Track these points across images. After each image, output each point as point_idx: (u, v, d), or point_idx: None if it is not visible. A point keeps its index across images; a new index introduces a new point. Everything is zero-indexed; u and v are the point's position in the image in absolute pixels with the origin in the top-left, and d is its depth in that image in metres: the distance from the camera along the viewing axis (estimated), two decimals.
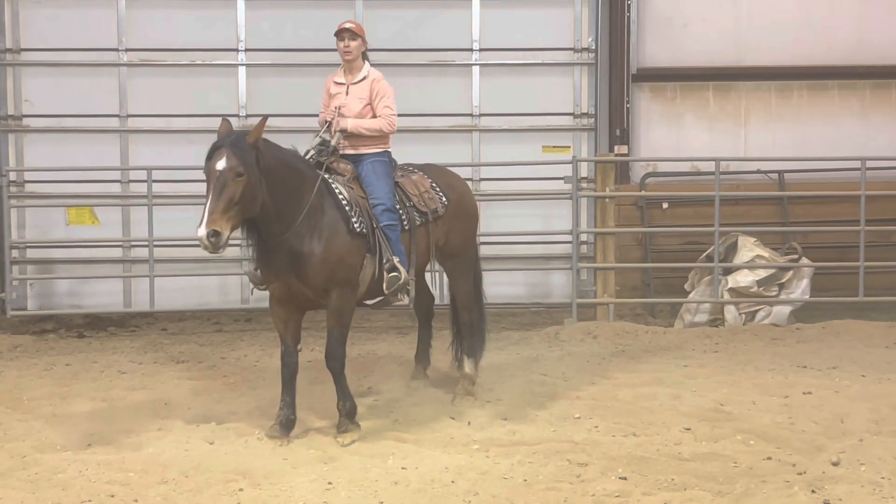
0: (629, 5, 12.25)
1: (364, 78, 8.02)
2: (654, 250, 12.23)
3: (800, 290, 11.32)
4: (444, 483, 6.26)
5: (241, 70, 12.26)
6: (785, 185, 12.34)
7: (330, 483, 6.28)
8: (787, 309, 11.29)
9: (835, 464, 6.49)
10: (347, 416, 7.34)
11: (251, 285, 7.77)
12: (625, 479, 6.29)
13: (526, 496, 6.06)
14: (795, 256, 11.37)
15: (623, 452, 6.75)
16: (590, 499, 6.01)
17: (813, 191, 12.07)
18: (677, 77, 12.54)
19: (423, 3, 12.40)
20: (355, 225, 7.40)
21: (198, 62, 12.26)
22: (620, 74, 12.26)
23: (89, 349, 10.50)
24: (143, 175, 11.38)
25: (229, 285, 12.20)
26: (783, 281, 11.29)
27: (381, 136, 8.00)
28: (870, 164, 11.36)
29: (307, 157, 7.70)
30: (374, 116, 7.95)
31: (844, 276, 11.62)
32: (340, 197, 7.46)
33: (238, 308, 12.09)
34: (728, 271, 11.30)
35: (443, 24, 12.41)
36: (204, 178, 6.87)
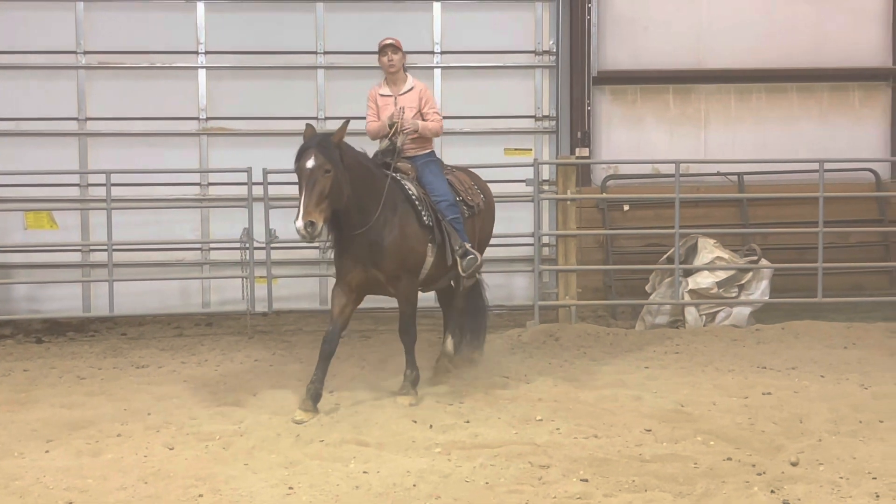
0: (590, 8, 12.30)
1: (412, 88, 8.80)
2: (616, 252, 12.29)
3: (759, 291, 11.41)
4: (406, 487, 6.25)
5: (201, 73, 12.20)
6: (744, 187, 12.44)
7: (291, 488, 6.25)
8: (746, 310, 11.37)
9: (794, 464, 6.53)
10: (412, 383, 8.33)
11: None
12: (586, 480, 6.30)
13: (488, 499, 6.05)
14: (755, 258, 11.46)
15: (584, 454, 6.77)
16: (551, 501, 6.02)
17: (772, 192, 12.18)
18: (638, 80, 12.61)
19: (384, 6, 12.39)
20: (424, 218, 8.35)
21: (157, 65, 12.18)
22: (581, 77, 12.31)
23: (48, 354, 10.40)
24: (101, 179, 11.30)
25: (190, 289, 12.14)
26: (743, 282, 11.38)
27: (430, 139, 8.88)
28: (828, 165, 11.47)
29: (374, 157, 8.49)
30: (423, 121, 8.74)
31: (803, 278, 11.74)
32: (410, 193, 8.39)
33: (199, 312, 12.03)
34: (688, 273, 11.37)
35: (404, 27, 12.37)
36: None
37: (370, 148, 8.64)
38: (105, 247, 11.22)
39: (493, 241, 12.02)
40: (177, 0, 12.17)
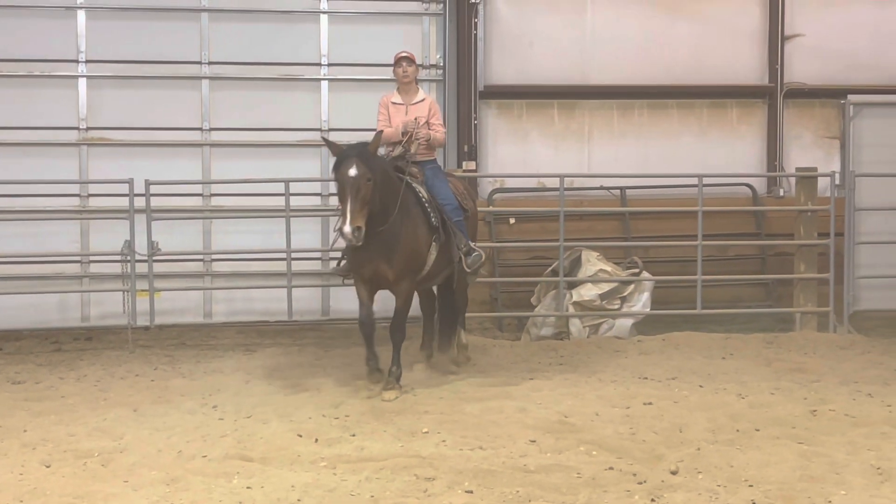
0: (476, 23, 12.41)
1: (423, 100, 9.54)
2: (502, 265, 12.40)
3: (641, 303, 11.63)
4: (290, 502, 6.18)
5: (82, 81, 11.94)
6: (627, 201, 12.66)
7: None
8: (629, 321, 11.58)
9: (673, 472, 6.65)
10: (396, 379, 8.81)
11: (341, 278, 9.51)
12: (471, 492, 6.32)
13: None
14: (637, 270, 11.68)
15: (470, 466, 6.79)
16: None
17: (653, 206, 12.43)
18: (524, 95, 12.76)
19: (271, 18, 12.30)
20: (433, 219, 9.00)
21: (36, 73, 11.88)
22: (468, 91, 12.41)
23: None
24: None
25: (69, 303, 11.85)
26: (625, 294, 11.59)
27: (434, 147, 9.57)
28: (707, 180, 11.76)
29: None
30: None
31: (683, 290, 11.99)
32: (421, 196, 9.05)
33: (78, 326, 11.76)
34: (572, 285, 11.53)
35: (291, 39, 12.35)
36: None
37: None
38: None
39: None
40: (57, 7, 11.90)
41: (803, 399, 8.59)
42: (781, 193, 12.97)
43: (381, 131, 8.97)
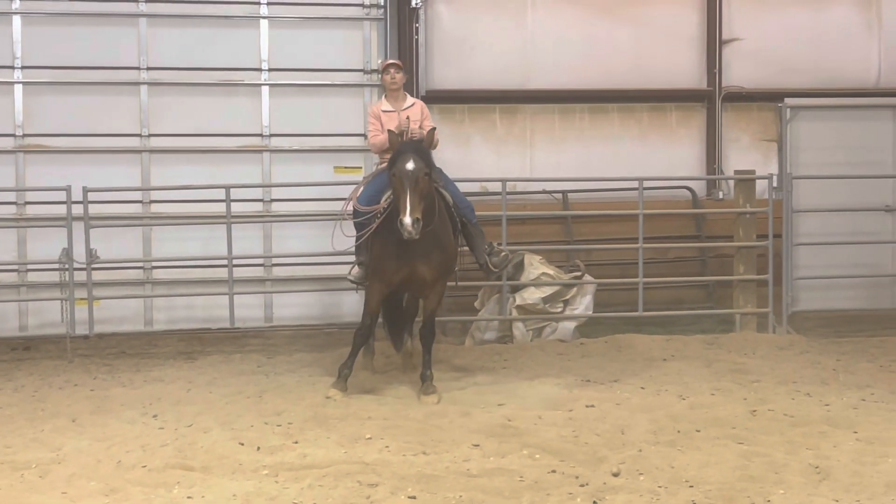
0: (418, 28, 12.41)
1: (413, 104, 9.71)
2: None
3: (583, 306, 11.70)
4: None
5: (18, 88, 11.77)
6: (569, 205, 12.73)
7: None
8: (571, 324, 11.64)
9: (615, 474, 6.69)
10: (432, 381, 8.91)
11: (355, 285, 9.47)
12: (414, 497, 6.32)
13: None
14: (579, 273, 11.75)
15: (413, 471, 6.78)
16: None
17: (595, 210, 12.50)
18: (465, 99, 12.78)
19: (210, 22, 12.20)
20: (458, 221, 9.23)
21: None
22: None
23: None
24: None
25: (6, 312, 11.67)
26: (567, 297, 11.65)
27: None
28: (647, 184, 11.86)
29: None
30: None
31: (625, 292, 12.08)
32: (446, 198, 9.17)
33: (15, 336, 11.60)
34: (516, 289, 11.57)
35: (231, 44, 12.24)
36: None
37: None
38: None
39: (321, 258, 12.09)
40: None
41: (743, 399, 8.69)
42: (721, 196, 13.12)
43: (434, 129, 9.07)
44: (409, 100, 9.80)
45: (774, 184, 12.21)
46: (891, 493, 6.28)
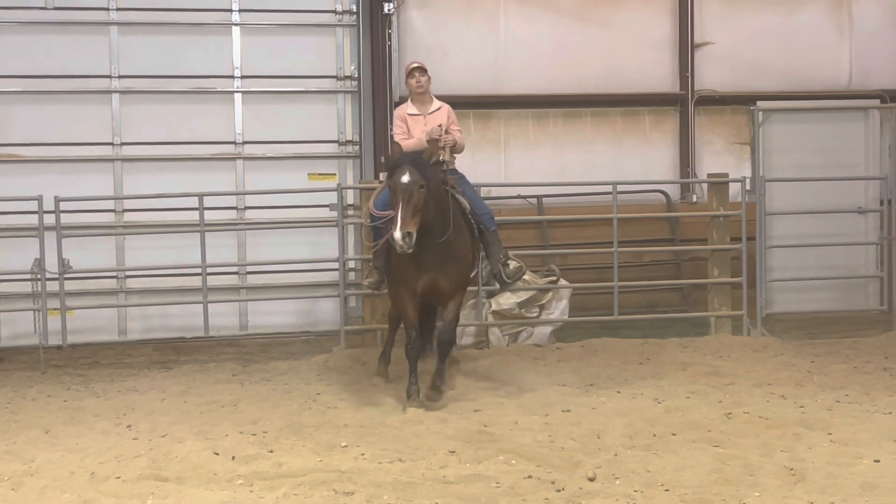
0: (390, 34, 12.41)
1: (440, 108, 9.58)
2: None
3: (559, 310, 11.70)
4: None
5: None
6: (544, 210, 12.74)
7: None
8: (547, 329, 11.64)
9: (591, 479, 6.69)
10: (440, 389, 8.81)
11: (371, 290, 9.52)
12: None
13: None
14: (554, 278, 11.74)
15: (389, 479, 6.76)
16: None
17: (569, 214, 12.52)
18: None
19: (183, 30, 12.16)
20: (475, 229, 9.13)
21: None
22: (383, 102, 12.39)
23: None
24: None
25: None
26: (543, 302, 11.65)
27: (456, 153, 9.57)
28: (621, 187, 11.87)
29: None
30: None
31: (600, 296, 12.09)
32: (465, 207, 9.09)
33: None
34: (491, 294, 11.56)
35: (203, 51, 12.23)
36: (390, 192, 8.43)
37: None
38: None
39: (298, 266, 12.08)
40: None
41: (718, 402, 8.71)
42: (694, 199, 13.18)
43: (436, 140, 9.03)
44: (436, 103, 9.66)
45: (747, 186, 12.27)
46: (865, 495, 6.30)
